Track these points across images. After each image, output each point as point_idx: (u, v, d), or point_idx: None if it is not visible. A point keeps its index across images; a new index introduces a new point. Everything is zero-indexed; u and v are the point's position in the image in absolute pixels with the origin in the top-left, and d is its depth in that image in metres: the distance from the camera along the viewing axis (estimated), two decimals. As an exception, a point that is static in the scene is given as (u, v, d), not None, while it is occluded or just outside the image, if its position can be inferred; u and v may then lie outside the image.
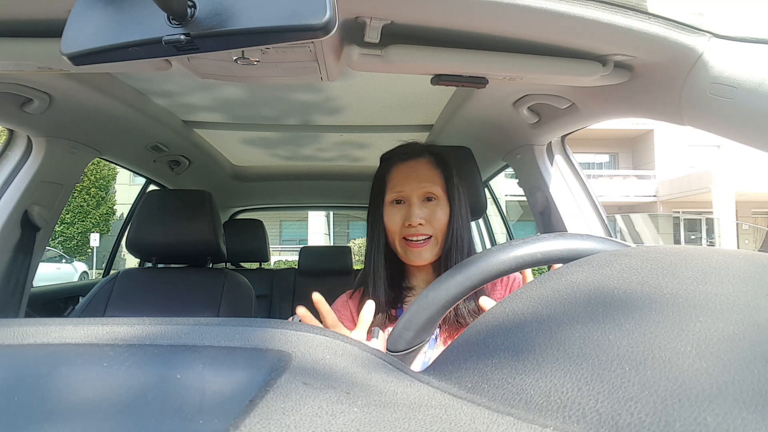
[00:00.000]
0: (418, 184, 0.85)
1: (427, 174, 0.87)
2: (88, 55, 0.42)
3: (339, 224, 16.55)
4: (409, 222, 0.83)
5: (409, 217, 0.84)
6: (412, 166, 0.88)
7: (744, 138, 0.71)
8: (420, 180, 0.86)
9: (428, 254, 0.85)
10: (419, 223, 0.83)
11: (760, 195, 14.06)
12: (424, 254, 0.85)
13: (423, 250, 0.84)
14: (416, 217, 0.83)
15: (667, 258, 0.31)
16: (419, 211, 0.84)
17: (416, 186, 0.85)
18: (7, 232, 1.21)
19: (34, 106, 1.08)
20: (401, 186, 0.86)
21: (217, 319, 0.33)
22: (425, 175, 0.87)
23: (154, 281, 1.45)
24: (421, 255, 0.85)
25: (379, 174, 0.91)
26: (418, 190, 0.85)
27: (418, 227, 0.83)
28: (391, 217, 0.86)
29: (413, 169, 0.87)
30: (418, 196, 0.85)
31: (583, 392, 0.23)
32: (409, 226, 0.84)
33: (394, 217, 0.86)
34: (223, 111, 1.50)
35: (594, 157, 17.50)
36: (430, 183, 0.86)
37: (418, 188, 0.85)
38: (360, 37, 0.73)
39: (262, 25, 0.40)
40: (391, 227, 0.86)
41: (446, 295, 0.42)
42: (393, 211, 0.86)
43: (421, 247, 0.84)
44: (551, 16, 0.65)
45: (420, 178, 0.86)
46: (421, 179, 0.86)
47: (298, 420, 0.22)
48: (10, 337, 0.31)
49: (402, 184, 0.86)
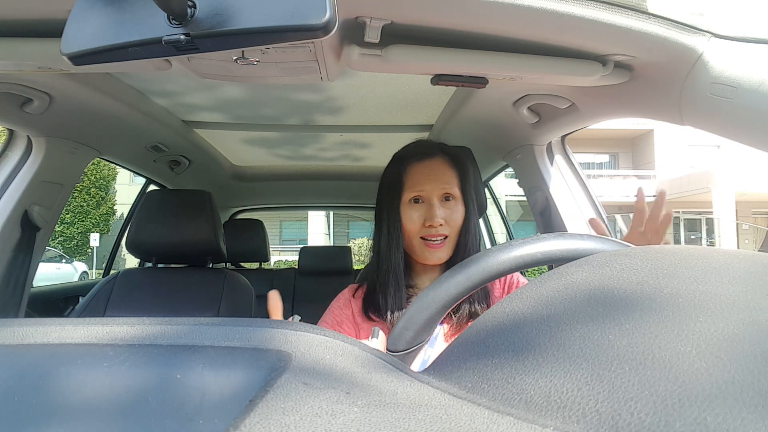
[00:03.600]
0: (439, 184, 0.85)
1: (446, 174, 0.87)
2: (88, 55, 0.42)
3: (339, 224, 16.55)
4: (430, 222, 0.83)
5: (431, 217, 0.84)
6: (430, 166, 0.88)
7: (744, 138, 0.71)
8: (440, 180, 0.86)
9: (443, 254, 0.86)
10: (440, 224, 0.83)
11: (760, 195, 14.05)
12: (440, 254, 0.85)
13: (440, 250, 0.85)
14: (438, 217, 0.83)
15: (667, 258, 0.31)
16: (440, 211, 0.84)
17: (437, 185, 0.85)
18: (7, 232, 1.21)
19: (34, 106, 1.08)
20: (421, 185, 0.86)
21: (217, 319, 0.33)
22: (444, 175, 0.87)
23: (154, 281, 1.45)
24: (438, 254, 0.85)
25: (393, 172, 0.90)
26: (438, 190, 0.85)
27: (438, 228, 0.84)
28: (410, 216, 0.86)
29: (432, 168, 0.87)
30: (438, 196, 0.85)
31: (583, 392, 0.23)
32: (429, 226, 0.84)
33: (413, 216, 0.85)
34: (224, 111, 1.50)
35: (594, 157, 17.49)
36: (448, 183, 0.86)
37: (438, 188, 0.85)
38: (360, 37, 0.73)
39: (262, 25, 0.40)
40: (410, 227, 0.86)
41: (446, 295, 0.42)
42: (412, 210, 0.86)
43: (439, 247, 0.85)
44: (551, 16, 0.65)
45: (440, 178, 0.86)
46: (440, 179, 0.86)
47: (298, 420, 0.22)
48: (10, 337, 0.31)
49: (422, 184, 0.86)
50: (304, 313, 0.79)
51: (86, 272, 10.65)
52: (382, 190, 0.91)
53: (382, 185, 0.92)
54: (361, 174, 2.23)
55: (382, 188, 0.91)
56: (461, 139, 1.48)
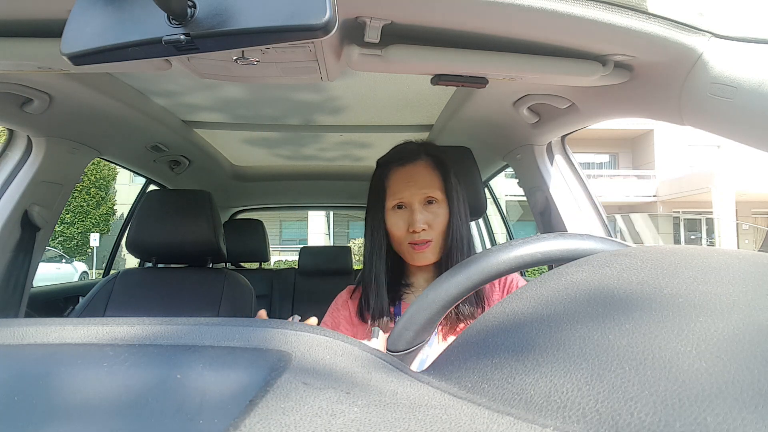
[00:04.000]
0: (419, 190, 0.85)
1: (426, 178, 0.87)
2: (88, 55, 0.42)
3: (339, 224, 16.55)
4: (413, 228, 0.84)
5: (412, 223, 0.84)
6: (410, 171, 0.87)
7: (744, 138, 0.71)
8: (420, 185, 0.86)
9: (431, 255, 0.86)
10: (422, 229, 0.84)
11: (760, 195, 14.06)
12: (427, 255, 0.86)
13: (426, 252, 0.85)
14: (419, 223, 0.83)
15: (667, 258, 0.31)
16: (421, 216, 0.84)
17: (416, 191, 0.85)
18: (7, 232, 1.21)
19: (34, 106, 1.08)
20: (401, 192, 0.86)
21: (217, 319, 0.33)
22: (424, 179, 0.87)
23: (154, 281, 1.45)
24: (426, 256, 0.86)
25: (377, 179, 0.91)
26: (418, 196, 0.85)
27: (421, 233, 0.84)
28: (395, 222, 0.86)
29: (412, 174, 0.87)
30: (419, 201, 0.85)
31: (583, 392, 0.23)
32: (413, 232, 0.84)
33: (398, 222, 0.86)
34: (224, 111, 1.50)
35: (594, 157, 17.50)
36: (429, 187, 0.86)
37: (418, 193, 0.85)
38: (360, 37, 0.73)
39: (262, 25, 0.40)
40: (397, 233, 0.86)
41: (446, 295, 0.42)
42: (396, 216, 0.86)
43: (425, 249, 0.85)
44: (551, 16, 0.65)
45: (419, 183, 0.86)
46: (420, 184, 0.86)
47: (298, 420, 0.22)
48: (10, 337, 0.31)
49: (402, 191, 0.86)
50: (304, 313, 0.79)
51: (86, 272, 10.65)
52: (370, 195, 0.92)
53: (369, 191, 0.92)
54: (361, 174, 2.23)
55: (370, 194, 0.92)
56: (461, 139, 1.48)
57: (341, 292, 0.96)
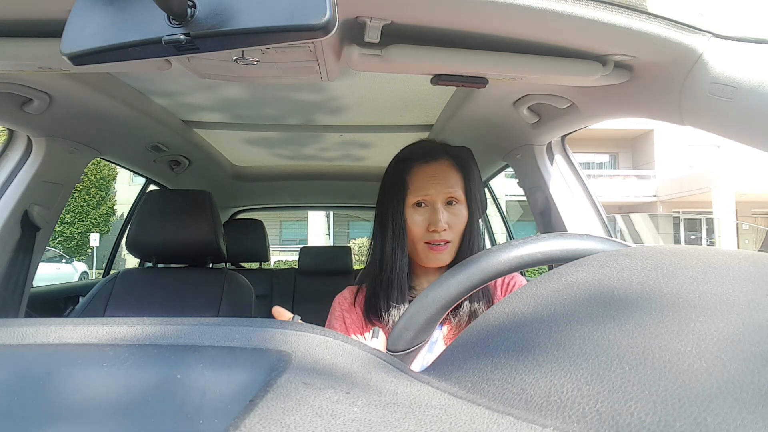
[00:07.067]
0: (444, 189, 0.84)
1: (451, 177, 0.85)
2: (88, 55, 0.42)
3: (339, 224, 16.54)
4: (434, 227, 0.82)
5: (434, 222, 0.82)
6: (434, 169, 0.85)
7: (744, 138, 0.71)
8: (445, 184, 0.84)
9: (447, 256, 0.84)
10: (443, 229, 0.82)
11: (760, 195, 14.05)
12: (443, 257, 0.84)
13: (444, 253, 0.83)
14: (441, 222, 0.82)
15: (667, 258, 0.31)
16: (443, 216, 0.82)
17: (441, 190, 0.84)
18: (7, 232, 1.21)
19: (34, 106, 1.08)
20: (426, 189, 0.84)
21: (217, 319, 0.33)
22: (449, 178, 0.85)
23: (154, 281, 1.45)
24: (442, 257, 0.84)
25: (396, 173, 0.88)
26: (442, 194, 0.84)
27: (442, 233, 0.82)
28: (415, 220, 0.84)
29: (436, 171, 0.85)
30: (442, 200, 0.84)
31: (583, 392, 0.23)
32: (433, 231, 0.82)
33: (417, 220, 0.84)
34: (224, 111, 1.50)
35: (594, 157, 17.49)
36: (453, 187, 0.84)
37: (442, 192, 0.84)
38: (360, 37, 0.73)
39: (262, 25, 0.40)
40: (416, 231, 0.84)
41: (446, 295, 0.42)
42: (416, 214, 0.84)
43: (443, 250, 0.83)
44: (551, 16, 0.65)
45: (444, 182, 0.84)
46: (445, 183, 0.84)
47: (298, 420, 0.22)
48: (10, 337, 0.31)
49: (426, 188, 0.84)
50: (304, 313, 0.79)
51: (86, 272, 10.65)
52: (385, 191, 0.89)
53: (384, 186, 0.89)
54: (361, 174, 2.23)
55: (385, 189, 0.89)
56: (461, 139, 1.48)
57: (342, 293, 0.94)
